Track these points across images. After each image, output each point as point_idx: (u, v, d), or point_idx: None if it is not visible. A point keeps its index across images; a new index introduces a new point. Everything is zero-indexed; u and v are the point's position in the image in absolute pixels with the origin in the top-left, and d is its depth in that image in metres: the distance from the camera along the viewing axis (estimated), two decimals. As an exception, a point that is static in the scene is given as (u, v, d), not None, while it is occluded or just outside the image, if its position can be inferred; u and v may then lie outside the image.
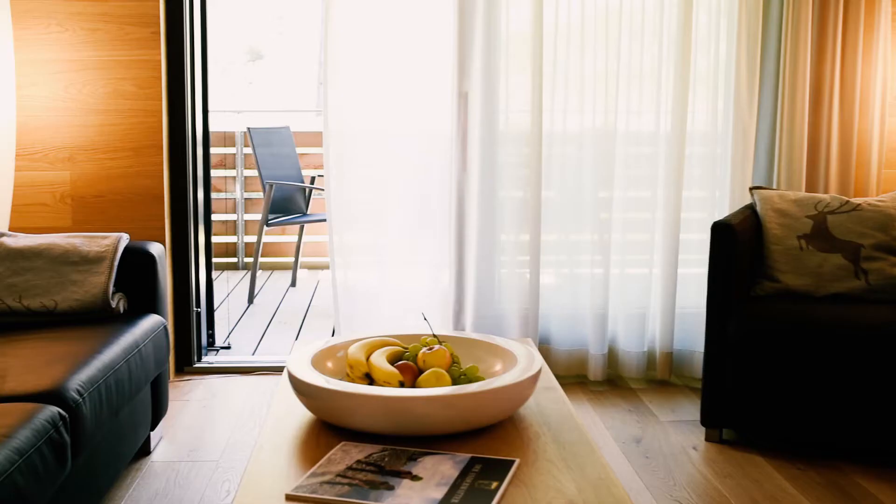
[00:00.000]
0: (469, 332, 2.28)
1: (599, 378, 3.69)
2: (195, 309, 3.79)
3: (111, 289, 2.75)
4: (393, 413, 1.75)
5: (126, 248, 2.89)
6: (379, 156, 3.67)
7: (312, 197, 5.77)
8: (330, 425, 1.87)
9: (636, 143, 3.69)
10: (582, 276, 3.74)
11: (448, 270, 3.72)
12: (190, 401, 3.46)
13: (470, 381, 1.94)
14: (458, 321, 3.71)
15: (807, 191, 3.64)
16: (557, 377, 3.68)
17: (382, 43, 3.59)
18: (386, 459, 1.67)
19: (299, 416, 1.94)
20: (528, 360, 1.98)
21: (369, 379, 1.96)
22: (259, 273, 6.08)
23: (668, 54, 3.61)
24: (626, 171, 3.70)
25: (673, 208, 3.64)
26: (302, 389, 1.86)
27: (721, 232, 2.97)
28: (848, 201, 3.21)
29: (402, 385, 1.91)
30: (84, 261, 2.77)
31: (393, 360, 2.02)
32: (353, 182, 3.67)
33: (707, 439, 3.06)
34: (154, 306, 2.90)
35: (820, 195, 3.26)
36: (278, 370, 3.83)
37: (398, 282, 3.75)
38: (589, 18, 3.58)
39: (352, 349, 2.03)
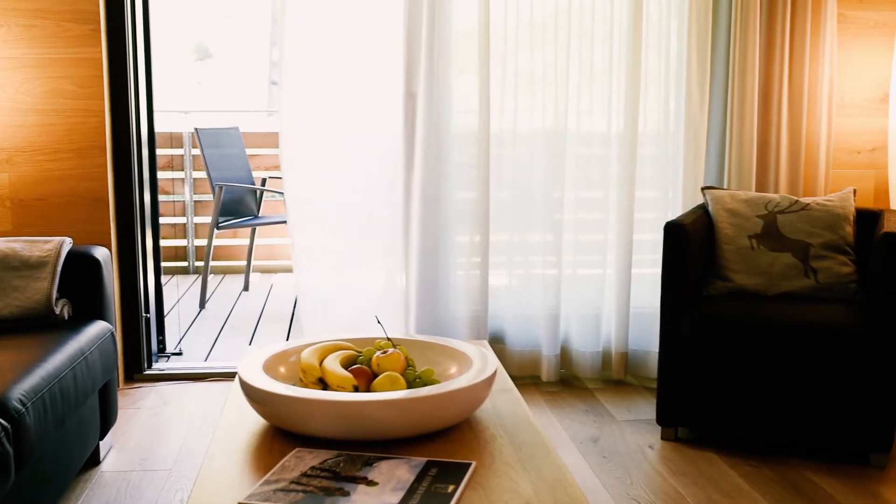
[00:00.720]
0: (423, 335, 2.26)
1: (552, 378, 3.68)
2: (144, 315, 3.72)
3: (55, 295, 2.68)
4: (347, 418, 1.72)
5: (70, 253, 2.81)
6: (331, 157, 3.63)
7: (264, 199, 5.70)
8: (283, 431, 1.84)
9: (588, 144, 3.70)
10: (535, 276, 3.73)
11: (401, 273, 3.69)
12: (140, 409, 3.39)
13: (425, 385, 1.92)
14: (410, 323, 3.68)
15: (757, 191, 3.68)
16: (512, 378, 3.68)
17: (334, 43, 3.56)
18: (341, 465, 1.64)
19: (252, 422, 1.91)
20: (483, 363, 1.97)
21: (323, 384, 1.93)
22: (210, 277, 6.01)
23: (618, 54, 3.62)
24: (578, 172, 3.70)
25: (626, 208, 3.65)
26: (254, 396, 1.82)
27: (673, 232, 2.99)
28: (797, 201, 3.24)
29: (356, 390, 1.88)
30: (25, 266, 2.70)
31: (347, 365, 1.99)
32: (307, 184, 3.63)
33: (663, 438, 3.07)
34: (100, 312, 2.83)
35: (770, 195, 3.29)
36: (231, 376, 3.77)
37: (352, 284, 3.72)
38: (538, 17, 3.58)
39: (304, 354, 2.00)
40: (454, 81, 3.59)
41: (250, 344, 4.47)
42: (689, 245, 2.99)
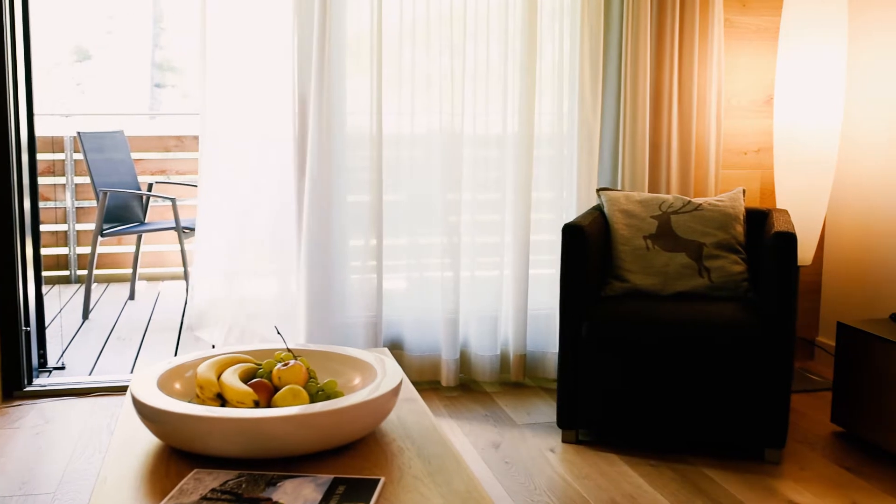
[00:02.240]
0: (325, 345, 2.20)
1: (452, 383, 3.66)
2: (23, 328, 3.53)
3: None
4: (248, 436, 1.65)
5: (-57, 266, 2.64)
6: (227, 162, 3.53)
7: (150, 205, 5.51)
8: (181, 451, 1.75)
9: (484, 145, 3.68)
10: (432, 279, 3.70)
11: (296, 279, 3.60)
12: (20, 428, 3.21)
13: (329, 397, 1.86)
14: (303, 330, 3.59)
15: (649, 191, 3.73)
16: (412, 383, 3.63)
17: (229, 46, 3.45)
18: (243, 486, 1.56)
19: (146, 442, 1.81)
20: (387, 373, 1.92)
21: (221, 400, 1.85)
22: (94, 286, 5.77)
23: (513, 56, 3.62)
24: (474, 173, 3.68)
25: (522, 210, 3.66)
26: (148, 414, 1.73)
27: (571, 234, 2.99)
28: (690, 201, 3.29)
29: (256, 405, 1.81)
30: None
31: (246, 379, 1.91)
32: (208, 188, 3.53)
33: (564, 441, 3.08)
34: (-23, 328, 2.66)
35: (664, 196, 3.34)
36: (119, 390, 3.61)
37: (246, 291, 3.62)
38: (434, 18, 3.55)
39: (201, 368, 1.91)
40: (347, 83, 3.53)
41: (138, 355, 4.31)
42: (587, 246, 3.00)
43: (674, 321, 2.90)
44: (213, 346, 3.58)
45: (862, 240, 3.79)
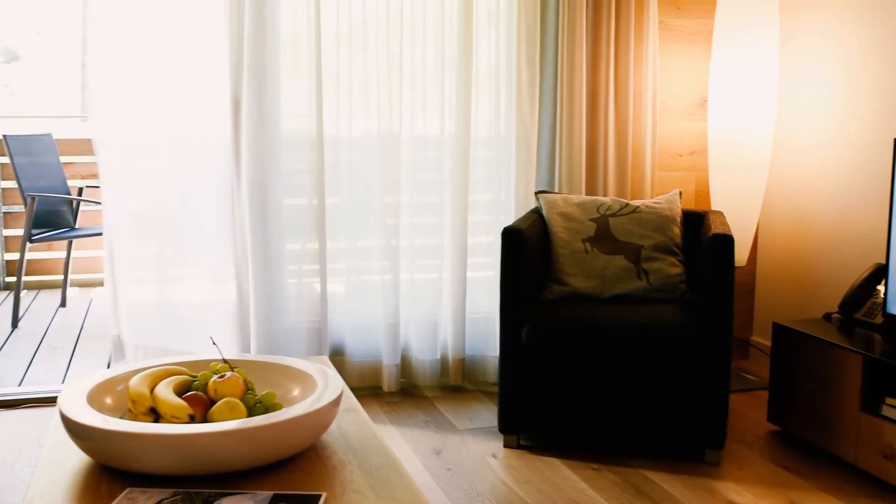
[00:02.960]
0: (263, 355, 2.15)
1: (394, 388, 3.63)
2: (-52, 339, 3.41)
3: None
4: (184, 452, 1.60)
5: None
6: (155, 164, 3.45)
7: (81, 209, 5.38)
8: (113, 469, 1.69)
9: (422, 148, 3.66)
10: (372, 283, 3.66)
11: (231, 285, 3.53)
12: (-55, 442, 3.10)
13: (267, 410, 1.81)
14: (246, 339, 3.53)
15: (587, 193, 3.74)
16: (353, 390, 3.60)
17: (154, 43, 3.37)
18: (178, 505, 1.52)
19: (77, 458, 1.75)
20: (327, 383, 1.88)
21: (155, 414, 1.79)
22: (24, 293, 5.62)
23: (450, 58, 3.60)
24: (412, 176, 3.66)
25: (460, 212, 3.64)
26: (78, 432, 1.67)
27: (510, 238, 2.99)
28: (627, 204, 3.31)
29: (192, 419, 1.76)
30: None
31: (181, 392, 1.86)
32: (128, 193, 3.43)
33: (506, 445, 3.07)
34: None
35: (602, 198, 3.35)
36: (50, 401, 3.51)
37: (180, 299, 3.54)
38: (370, 21, 3.52)
39: (133, 381, 1.85)
40: (283, 85, 3.47)
41: (69, 364, 4.19)
42: (526, 250, 2.99)
43: (613, 324, 2.91)
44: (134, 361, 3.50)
45: (795, 241, 3.85)
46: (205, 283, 3.57)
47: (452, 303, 3.69)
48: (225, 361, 1.98)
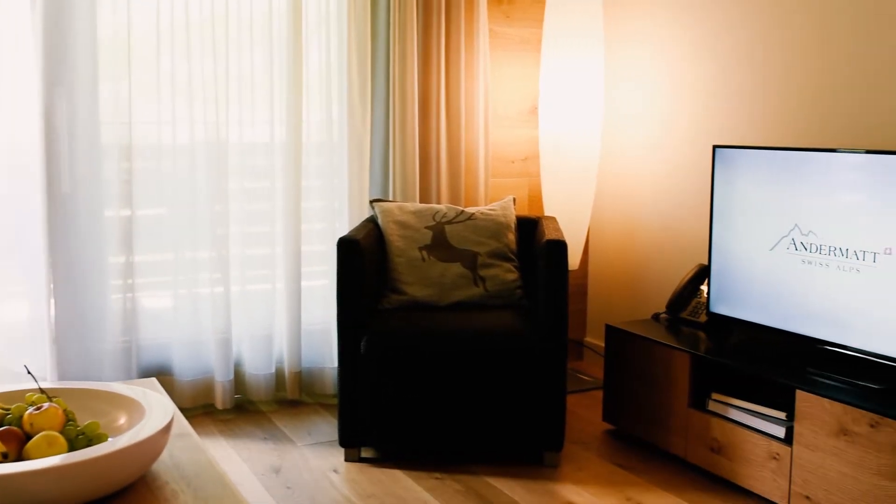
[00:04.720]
0: (84, 381, 2.00)
1: (228, 405, 3.49)
2: None
3: None
4: (-4, 495, 1.46)
5: None
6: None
7: None
8: (-88, 518, 1.52)
9: (251, 154, 3.55)
10: (202, 296, 3.51)
11: (46, 303, 3.30)
12: None
13: (91, 442, 1.68)
14: (63, 363, 3.30)
15: (421, 201, 3.73)
16: (183, 410, 3.44)
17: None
18: (-9, 554, 1.38)
19: None
20: (156, 409, 1.76)
21: (-38, 453, 1.63)
22: None
23: (279, 62, 3.51)
24: (241, 184, 3.54)
25: (293, 220, 3.55)
26: None
27: (346, 248, 2.92)
28: (463, 211, 3.31)
29: (5, 458, 1.60)
30: None
31: (-8, 427, 1.70)
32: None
33: (347, 459, 3.00)
34: None
35: (437, 206, 3.34)
36: None
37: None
38: (194, 23, 3.37)
39: (-64, 418, 1.68)
40: (101, 91, 3.28)
41: None
42: (363, 260, 2.94)
43: (450, 332, 2.90)
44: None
45: (624, 244, 3.97)
46: (19, 303, 3.32)
47: (287, 314, 3.59)
48: (41, 391, 1.82)
